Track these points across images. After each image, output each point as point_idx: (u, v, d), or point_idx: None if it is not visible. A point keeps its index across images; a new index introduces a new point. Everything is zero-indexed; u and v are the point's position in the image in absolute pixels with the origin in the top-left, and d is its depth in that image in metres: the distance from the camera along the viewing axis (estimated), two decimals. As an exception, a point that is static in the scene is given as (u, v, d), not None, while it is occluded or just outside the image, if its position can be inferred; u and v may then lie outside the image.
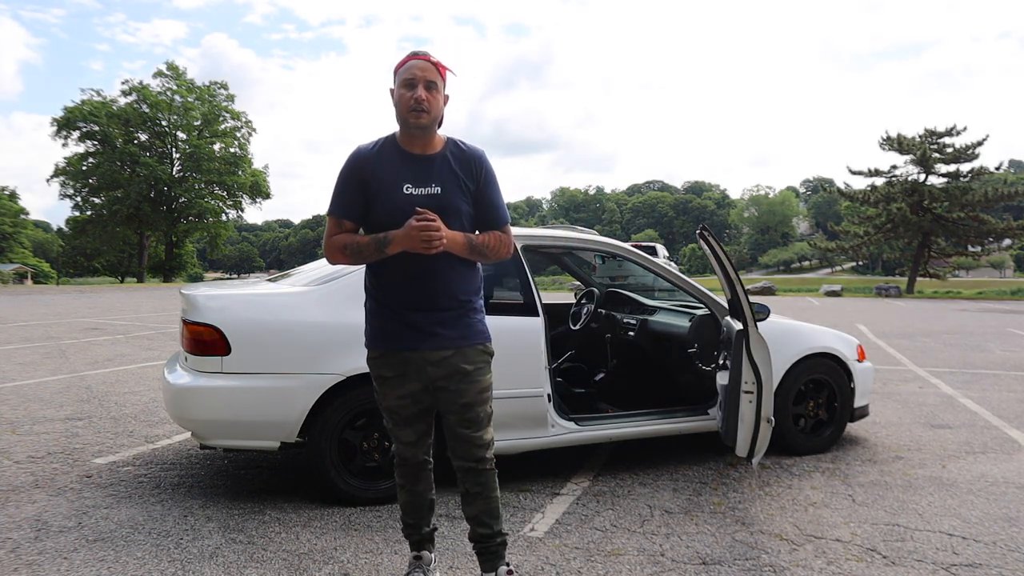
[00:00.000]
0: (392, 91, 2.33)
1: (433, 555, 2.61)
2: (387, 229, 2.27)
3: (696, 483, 3.82)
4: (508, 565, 2.51)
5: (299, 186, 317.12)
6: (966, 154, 35.18)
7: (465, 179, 2.36)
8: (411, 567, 2.56)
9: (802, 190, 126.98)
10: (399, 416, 2.44)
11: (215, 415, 3.31)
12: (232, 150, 51.68)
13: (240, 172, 50.98)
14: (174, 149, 50.64)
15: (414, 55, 2.29)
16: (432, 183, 2.31)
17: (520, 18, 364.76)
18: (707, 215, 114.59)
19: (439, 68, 2.30)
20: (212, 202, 52.16)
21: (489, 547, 2.48)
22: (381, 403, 2.47)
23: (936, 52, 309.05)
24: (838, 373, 4.48)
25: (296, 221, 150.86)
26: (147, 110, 48.85)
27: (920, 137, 36.02)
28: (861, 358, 4.65)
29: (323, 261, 4.13)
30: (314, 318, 3.39)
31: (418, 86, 2.24)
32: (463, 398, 2.38)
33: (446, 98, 2.36)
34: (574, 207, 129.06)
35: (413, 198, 2.28)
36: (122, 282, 52.21)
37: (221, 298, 3.46)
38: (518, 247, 3.85)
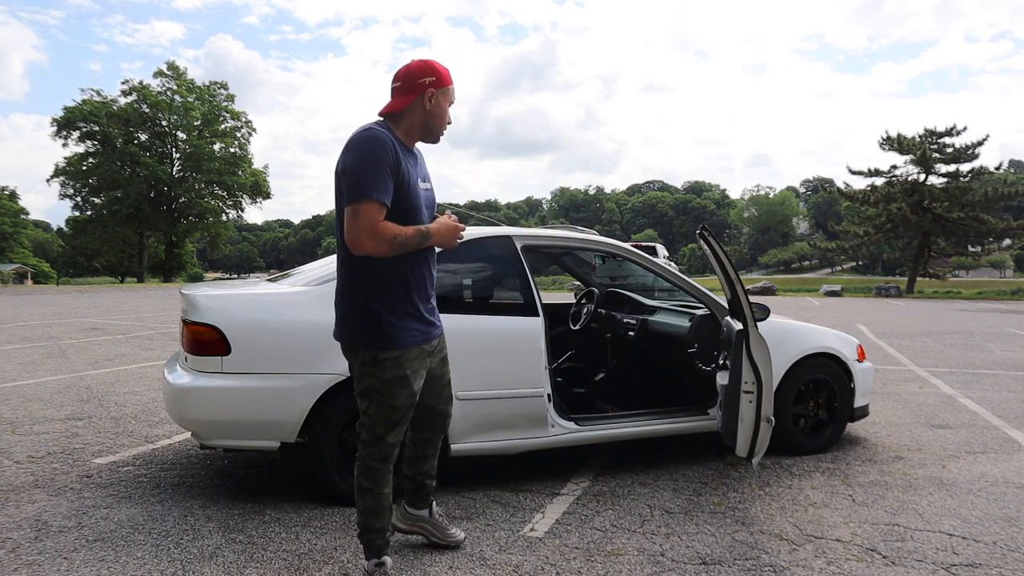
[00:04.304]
0: (432, 94, 2.45)
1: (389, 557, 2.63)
2: (407, 222, 2.37)
3: (696, 483, 3.82)
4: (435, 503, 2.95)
5: (299, 186, 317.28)
6: (966, 154, 35.16)
7: None
8: (380, 573, 2.54)
9: (802, 190, 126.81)
10: (403, 415, 2.52)
11: (215, 415, 3.31)
12: (232, 150, 51.65)
13: (240, 172, 50.94)
14: (174, 149, 50.60)
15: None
16: (428, 179, 2.58)
17: (517, 19, 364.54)
18: (707, 215, 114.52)
19: None
20: (212, 202, 52.14)
21: (429, 491, 2.90)
22: (390, 403, 2.45)
23: (933, 53, 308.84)
24: (838, 373, 4.47)
25: (296, 221, 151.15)
26: (147, 110, 48.81)
27: (920, 137, 36.00)
28: (861, 358, 4.65)
29: (323, 261, 4.14)
30: (314, 318, 3.38)
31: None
32: (445, 377, 2.77)
33: None
34: (574, 207, 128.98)
35: (428, 192, 2.54)
36: (122, 282, 52.18)
37: (221, 298, 3.46)
38: (518, 247, 3.86)
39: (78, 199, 50.19)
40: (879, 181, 37.46)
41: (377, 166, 2.28)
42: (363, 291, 2.42)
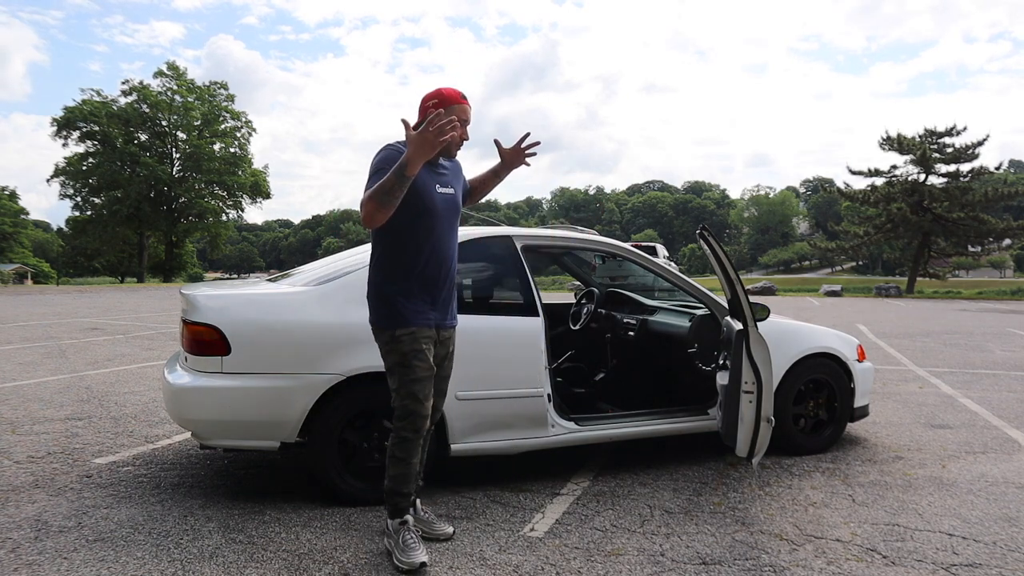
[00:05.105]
0: (439, 115, 2.69)
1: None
2: (423, 221, 2.77)
3: (696, 483, 3.82)
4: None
5: (299, 186, 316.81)
6: (966, 154, 35.18)
7: (463, 183, 3.08)
8: (404, 530, 2.78)
9: (802, 190, 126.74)
10: (425, 385, 2.79)
11: (215, 415, 3.31)
12: (232, 150, 51.67)
13: (240, 172, 50.95)
14: (174, 149, 50.60)
15: (464, 97, 2.84)
16: (450, 185, 2.91)
17: (517, 20, 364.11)
18: (707, 215, 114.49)
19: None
20: (212, 202, 52.15)
21: (414, 491, 2.99)
22: (411, 376, 2.75)
23: (932, 53, 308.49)
24: (838, 373, 4.47)
25: (296, 221, 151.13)
26: (147, 110, 48.81)
27: (920, 137, 36.03)
28: (861, 358, 4.65)
29: (323, 261, 4.15)
30: (314, 318, 3.39)
31: (466, 126, 2.89)
32: (444, 371, 2.99)
33: None
34: (574, 207, 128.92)
35: (445, 197, 2.86)
36: (122, 282, 52.18)
37: (221, 298, 3.45)
38: (518, 247, 3.86)
39: (78, 199, 50.22)
40: (879, 181, 37.50)
41: (379, 169, 2.67)
42: (384, 279, 2.81)
